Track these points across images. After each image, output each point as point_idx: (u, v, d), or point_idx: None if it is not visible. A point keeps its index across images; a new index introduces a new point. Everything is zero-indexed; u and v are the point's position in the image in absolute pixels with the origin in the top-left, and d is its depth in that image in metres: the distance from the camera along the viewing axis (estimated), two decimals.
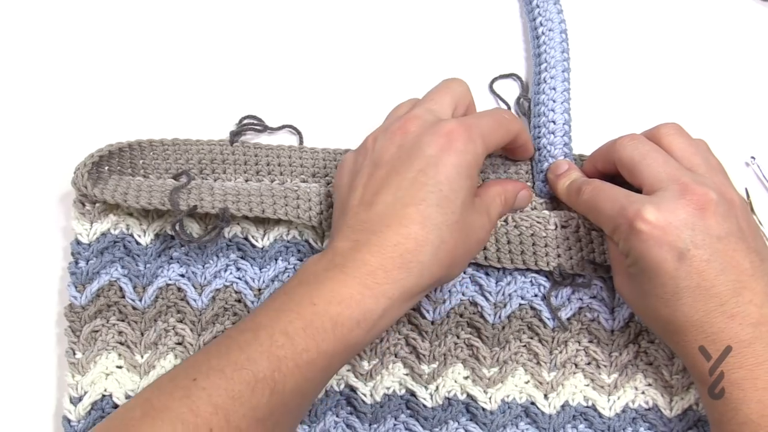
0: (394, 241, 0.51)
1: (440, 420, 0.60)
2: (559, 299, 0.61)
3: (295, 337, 0.49)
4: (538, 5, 0.68)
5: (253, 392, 0.48)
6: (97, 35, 0.71)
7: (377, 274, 0.50)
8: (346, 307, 0.50)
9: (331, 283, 0.50)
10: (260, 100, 0.68)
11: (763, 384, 0.51)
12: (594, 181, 0.59)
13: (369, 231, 0.52)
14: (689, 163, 0.56)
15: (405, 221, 0.51)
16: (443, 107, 0.57)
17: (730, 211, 0.54)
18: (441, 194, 0.52)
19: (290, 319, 0.49)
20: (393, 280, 0.51)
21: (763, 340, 0.51)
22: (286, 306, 0.50)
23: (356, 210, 0.53)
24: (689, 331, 0.53)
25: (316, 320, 0.49)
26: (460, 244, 0.54)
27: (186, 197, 0.60)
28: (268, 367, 0.48)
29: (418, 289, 0.52)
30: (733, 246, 0.53)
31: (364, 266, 0.50)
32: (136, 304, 0.61)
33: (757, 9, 0.73)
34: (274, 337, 0.49)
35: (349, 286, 0.50)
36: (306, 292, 0.50)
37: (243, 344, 0.49)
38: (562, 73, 0.65)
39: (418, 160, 0.53)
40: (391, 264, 0.51)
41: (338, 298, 0.50)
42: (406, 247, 0.51)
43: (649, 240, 0.53)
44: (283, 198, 0.61)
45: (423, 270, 0.52)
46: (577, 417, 0.61)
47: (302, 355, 0.49)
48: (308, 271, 0.52)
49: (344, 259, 0.51)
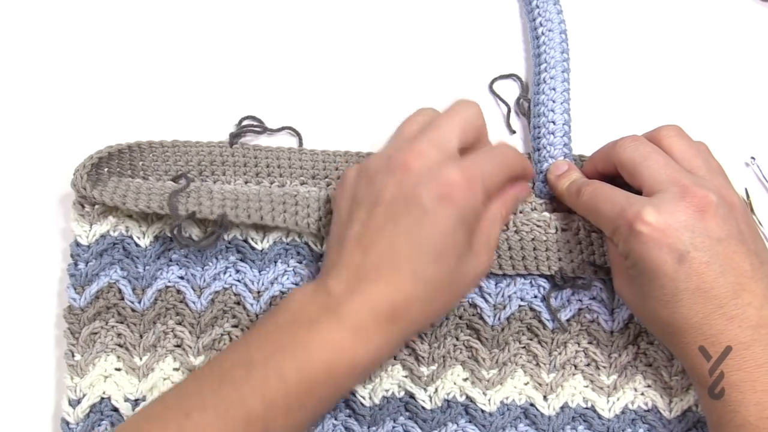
0: (384, 294, 0.51)
1: (439, 422, 0.60)
2: (559, 301, 0.61)
3: (289, 380, 0.49)
4: (538, 5, 0.68)
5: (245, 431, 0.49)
6: (96, 37, 0.71)
7: (368, 325, 0.51)
8: (338, 354, 0.50)
9: (326, 329, 0.50)
10: (259, 101, 0.68)
11: (761, 386, 0.51)
12: (594, 182, 0.59)
13: (363, 278, 0.52)
14: (690, 165, 0.56)
15: (396, 276, 0.52)
16: (450, 139, 0.56)
17: (730, 214, 0.54)
18: (435, 249, 0.52)
19: (284, 362, 0.50)
20: (382, 332, 0.51)
21: (762, 343, 0.51)
22: (281, 346, 0.51)
23: (353, 249, 0.53)
24: (688, 332, 0.53)
25: (308, 365, 0.50)
26: (447, 296, 0.55)
27: (185, 201, 0.60)
28: (260, 408, 0.49)
29: (406, 338, 0.54)
30: (732, 248, 0.53)
31: (356, 315, 0.51)
32: (135, 306, 0.61)
33: (757, 9, 0.73)
34: (268, 378, 0.49)
35: (341, 335, 0.50)
36: (300, 336, 0.51)
37: (237, 381, 0.50)
38: (561, 73, 0.65)
39: (415, 208, 0.52)
40: (381, 316, 0.51)
41: (331, 345, 0.50)
42: (395, 301, 0.51)
43: (649, 242, 0.53)
44: (282, 204, 0.60)
45: (411, 324, 0.53)
46: (576, 418, 0.60)
47: (294, 398, 0.49)
48: (302, 310, 0.52)
49: (338, 304, 0.51)
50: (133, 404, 0.60)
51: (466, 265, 0.54)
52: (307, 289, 0.53)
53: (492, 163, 0.56)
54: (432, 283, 0.52)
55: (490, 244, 0.57)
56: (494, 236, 0.57)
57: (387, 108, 0.69)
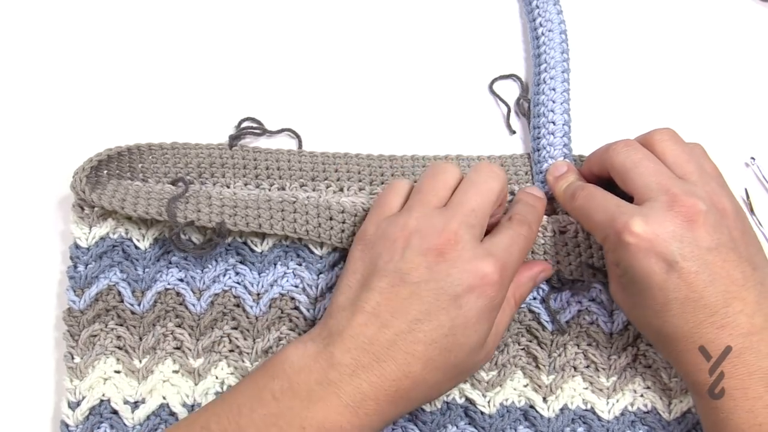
0: (393, 377, 0.51)
1: (439, 424, 0.60)
2: (558, 302, 0.61)
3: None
4: (538, 6, 0.68)
5: None
6: (96, 39, 0.71)
7: (368, 405, 0.50)
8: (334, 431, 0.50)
9: (324, 408, 0.50)
10: (259, 103, 0.68)
11: (753, 393, 0.51)
12: (588, 187, 0.58)
13: (372, 355, 0.51)
14: (682, 170, 0.56)
15: (410, 359, 0.51)
16: (483, 221, 0.55)
17: (722, 221, 0.54)
18: (454, 339, 0.52)
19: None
20: (381, 413, 0.51)
21: (753, 350, 0.51)
22: (275, 419, 0.50)
23: (367, 320, 0.52)
24: (679, 341, 0.53)
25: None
26: (451, 383, 0.55)
27: (183, 208, 0.60)
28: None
29: (397, 418, 0.53)
30: (723, 257, 0.52)
31: (359, 394, 0.50)
32: (134, 309, 0.61)
33: (757, 9, 0.73)
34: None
35: (340, 414, 0.50)
36: (296, 411, 0.50)
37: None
38: (561, 74, 0.65)
39: (444, 295, 0.52)
40: (384, 398, 0.51)
41: (328, 425, 0.50)
42: (403, 384, 0.51)
43: (638, 252, 0.53)
44: (281, 212, 0.60)
45: (411, 405, 0.53)
46: (576, 420, 0.60)
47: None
48: (301, 380, 0.51)
49: (340, 379, 0.51)
50: (133, 406, 0.60)
51: (476, 356, 0.54)
52: (307, 351, 0.52)
53: (519, 246, 0.56)
54: (442, 372, 0.52)
55: (499, 334, 0.57)
56: (505, 325, 0.57)
57: (387, 109, 0.69)
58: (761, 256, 0.55)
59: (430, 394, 0.54)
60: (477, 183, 0.57)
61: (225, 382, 0.60)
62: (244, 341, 0.61)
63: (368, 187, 0.64)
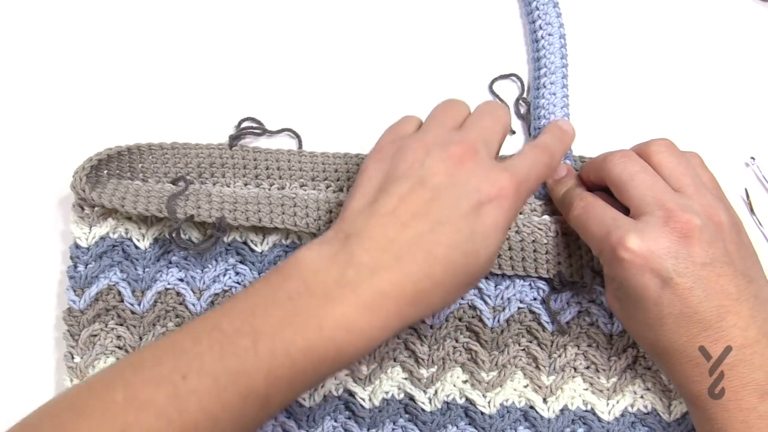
0: (414, 278, 0.49)
1: (439, 424, 0.60)
2: (558, 303, 0.61)
3: (297, 360, 0.47)
4: (538, 8, 0.68)
5: (245, 404, 0.47)
6: (96, 38, 0.70)
7: (388, 307, 0.49)
8: (352, 335, 0.48)
9: (342, 307, 0.48)
10: (259, 103, 0.68)
11: (747, 405, 0.51)
12: (586, 197, 0.59)
13: (393, 255, 0.50)
14: (678, 183, 0.56)
15: (432, 260, 0.50)
16: (496, 141, 0.56)
17: (717, 236, 0.54)
18: (473, 246, 0.51)
19: (294, 338, 0.47)
20: (399, 314, 0.49)
21: (747, 363, 0.52)
22: (291, 320, 0.48)
23: (386, 220, 0.51)
24: (673, 354, 0.54)
25: (321, 346, 0.47)
26: (464, 289, 0.54)
27: (183, 205, 0.60)
28: (263, 384, 0.47)
29: (416, 321, 0.52)
30: (717, 271, 0.53)
31: (379, 295, 0.49)
32: (134, 309, 0.61)
33: (757, 9, 0.73)
34: (275, 354, 0.47)
35: (358, 314, 0.48)
36: (314, 310, 0.48)
37: (241, 352, 0.47)
38: (561, 78, 0.65)
39: (464, 201, 0.51)
40: (403, 299, 0.49)
41: (345, 325, 0.48)
42: (423, 285, 0.50)
43: (632, 268, 0.53)
44: (280, 206, 0.61)
45: (428, 308, 0.51)
46: (576, 421, 0.61)
47: (299, 375, 0.48)
48: (317, 280, 0.49)
49: (360, 278, 0.49)
50: None
51: (487, 266, 0.54)
52: (323, 252, 0.50)
53: (537, 171, 0.56)
54: (458, 275, 0.51)
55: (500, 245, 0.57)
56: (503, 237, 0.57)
57: (387, 109, 0.69)
58: (757, 268, 0.55)
59: (447, 299, 0.52)
60: (487, 110, 0.57)
61: None
62: None
63: None
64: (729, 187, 0.60)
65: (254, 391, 0.47)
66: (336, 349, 0.48)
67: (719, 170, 0.60)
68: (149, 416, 0.45)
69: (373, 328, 0.48)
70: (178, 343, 0.48)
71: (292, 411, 0.60)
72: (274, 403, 0.48)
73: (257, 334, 0.48)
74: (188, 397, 0.46)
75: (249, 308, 0.49)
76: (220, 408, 0.46)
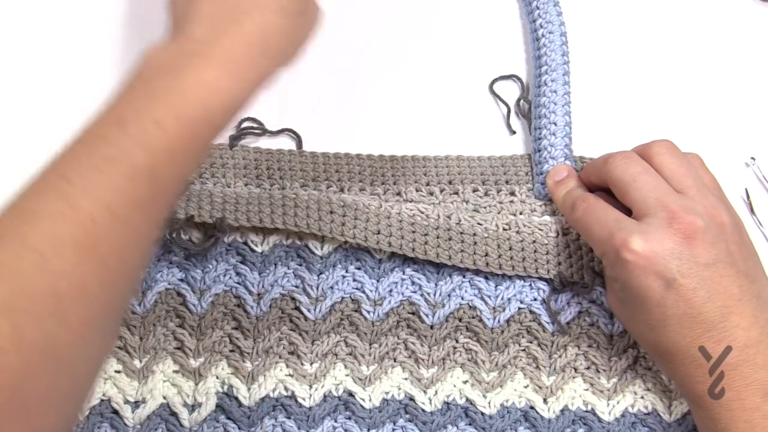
0: (254, 28, 0.50)
1: (439, 425, 0.60)
2: (559, 303, 0.61)
3: (169, 128, 0.46)
4: (538, 7, 0.68)
5: (133, 184, 0.46)
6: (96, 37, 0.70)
7: (241, 62, 0.49)
8: (214, 93, 0.47)
9: (196, 71, 0.48)
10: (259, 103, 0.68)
11: (750, 404, 0.52)
12: (588, 198, 0.59)
13: (227, 18, 0.50)
14: (680, 184, 0.56)
15: (264, 10, 0.50)
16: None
17: (719, 236, 0.54)
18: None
19: (160, 109, 0.47)
20: (255, 66, 0.50)
21: (750, 363, 0.52)
22: (151, 96, 0.47)
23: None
24: (676, 355, 0.54)
25: (188, 108, 0.47)
26: (303, 30, 0.54)
27: (184, 205, 0.60)
28: (144, 158, 0.46)
29: (272, 74, 0.52)
30: (720, 272, 0.53)
31: (227, 53, 0.48)
32: (135, 309, 0.61)
33: (757, 9, 0.73)
34: (146, 128, 0.46)
35: (215, 74, 0.48)
36: (170, 83, 0.47)
37: (112, 139, 0.46)
38: (563, 76, 0.65)
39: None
40: (253, 50, 0.49)
41: (206, 85, 0.47)
42: (266, 33, 0.50)
43: (636, 270, 0.53)
44: (281, 207, 0.61)
45: (280, 55, 0.52)
46: (576, 421, 0.61)
47: (176, 143, 0.47)
48: (166, 62, 0.49)
49: (204, 46, 0.49)
50: (133, 406, 0.60)
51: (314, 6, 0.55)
52: (161, 45, 0.50)
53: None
54: (295, 17, 0.52)
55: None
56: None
57: (387, 109, 0.69)
58: (758, 269, 0.56)
59: (296, 40, 0.53)
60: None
61: (226, 382, 0.60)
62: (245, 341, 0.61)
63: (368, 188, 0.64)
64: (729, 187, 0.60)
65: (138, 169, 0.45)
66: (204, 111, 0.47)
67: (719, 170, 0.60)
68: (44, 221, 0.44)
69: (232, 86, 0.48)
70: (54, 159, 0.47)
71: (292, 411, 0.60)
72: (164, 176, 0.47)
73: (124, 120, 0.47)
74: (75, 191, 0.45)
75: (110, 106, 0.49)
76: (110, 192, 0.45)
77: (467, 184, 0.64)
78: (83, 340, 0.44)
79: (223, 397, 0.60)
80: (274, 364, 0.61)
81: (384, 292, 0.61)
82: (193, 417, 0.60)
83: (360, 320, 0.61)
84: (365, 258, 0.62)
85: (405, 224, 0.61)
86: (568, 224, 0.61)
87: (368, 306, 0.61)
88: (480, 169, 0.65)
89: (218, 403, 0.60)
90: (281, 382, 0.61)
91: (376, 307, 0.61)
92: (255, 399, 0.60)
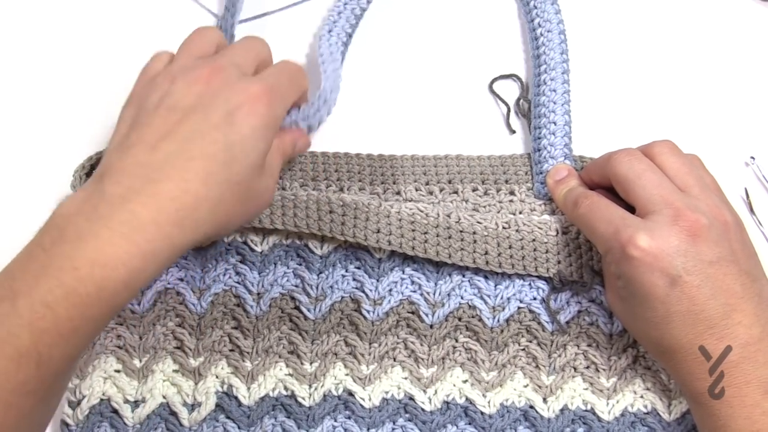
0: (172, 195, 0.48)
1: (439, 424, 0.60)
2: (558, 303, 0.61)
3: (57, 308, 0.45)
4: (536, 6, 0.68)
5: (19, 367, 0.45)
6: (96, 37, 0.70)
7: (148, 230, 0.47)
8: (112, 269, 0.46)
9: (95, 242, 0.46)
10: None
11: (751, 401, 0.52)
12: (591, 196, 0.59)
13: (145, 178, 0.48)
14: (683, 183, 0.56)
15: (187, 175, 0.49)
16: (247, 65, 0.55)
17: (723, 235, 0.54)
18: (231, 154, 0.50)
19: (50, 286, 0.45)
20: (164, 237, 0.47)
21: (751, 360, 0.52)
22: (46, 270, 0.46)
23: (135, 150, 0.49)
24: (678, 352, 0.54)
25: (79, 287, 0.45)
26: (239, 206, 0.52)
27: None
28: (30, 341, 0.45)
29: (187, 246, 0.50)
30: (724, 270, 0.53)
31: (135, 220, 0.47)
32: (134, 308, 0.61)
33: (757, 9, 0.73)
34: (34, 308, 0.45)
35: (115, 245, 0.46)
36: (67, 253, 0.46)
37: (2, 317, 0.45)
38: (562, 74, 0.65)
39: (215, 114, 0.51)
40: (164, 219, 0.47)
41: (103, 259, 0.46)
42: (183, 202, 0.48)
43: (641, 266, 0.53)
44: (281, 207, 0.60)
45: (197, 228, 0.49)
46: (576, 421, 0.61)
47: (66, 324, 0.46)
48: (70, 224, 0.47)
49: (111, 209, 0.47)
50: (133, 406, 0.60)
51: (258, 182, 0.53)
52: (77, 197, 0.49)
53: (287, 80, 0.56)
54: (222, 186, 0.50)
55: (274, 173, 0.56)
56: (278, 167, 0.56)
57: (387, 109, 0.69)
58: (759, 268, 0.56)
59: (218, 216, 0.51)
60: (239, 43, 0.57)
61: (225, 382, 0.60)
62: (245, 341, 0.61)
63: (368, 188, 0.64)
64: (729, 187, 0.61)
65: (23, 352, 0.45)
66: (97, 287, 0.46)
67: (719, 170, 0.60)
68: None
69: (133, 257, 0.46)
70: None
71: (292, 410, 0.60)
72: (52, 358, 0.46)
73: (16, 295, 0.46)
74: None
75: (9, 272, 0.48)
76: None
77: (467, 184, 0.64)
78: None
79: (222, 396, 0.60)
80: (274, 364, 0.61)
81: (384, 292, 0.61)
82: (193, 416, 0.60)
83: (360, 320, 0.61)
84: (365, 257, 0.62)
85: (405, 223, 0.61)
86: (569, 221, 0.61)
87: (368, 305, 0.61)
88: (480, 168, 0.65)
89: (218, 403, 0.60)
90: (281, 382, 0.61)
91: (376, 306, 0.61)
92: (255, 398, 0.60)
